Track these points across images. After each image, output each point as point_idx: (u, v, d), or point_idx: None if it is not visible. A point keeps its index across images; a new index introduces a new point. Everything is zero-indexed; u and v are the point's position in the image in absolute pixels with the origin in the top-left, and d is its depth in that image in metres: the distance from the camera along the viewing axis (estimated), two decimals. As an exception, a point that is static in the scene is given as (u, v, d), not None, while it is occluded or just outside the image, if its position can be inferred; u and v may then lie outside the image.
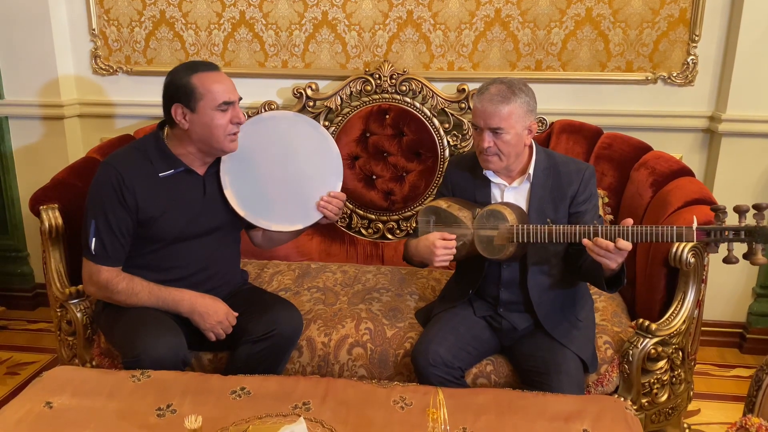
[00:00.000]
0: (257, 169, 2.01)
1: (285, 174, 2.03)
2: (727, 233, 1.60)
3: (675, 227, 1.64)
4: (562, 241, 1.75)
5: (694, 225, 1.62)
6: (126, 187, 1.85)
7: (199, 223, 1.96)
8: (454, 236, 1.83)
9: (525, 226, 1.77)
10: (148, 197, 1.88)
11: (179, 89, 1.84)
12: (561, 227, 1.74)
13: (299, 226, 2.04)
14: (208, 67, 1.89)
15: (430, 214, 1.93)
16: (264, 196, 2.01)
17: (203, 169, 1.97)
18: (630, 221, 1.68)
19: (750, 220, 1.61)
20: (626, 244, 1.64)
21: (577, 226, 1.72)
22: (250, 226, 2.07)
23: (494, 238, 1.81)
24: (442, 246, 1.81)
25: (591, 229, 1.69)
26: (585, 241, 1.69)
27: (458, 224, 1.87)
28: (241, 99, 1.92)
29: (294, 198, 2.03)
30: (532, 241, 1.77)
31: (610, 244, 1.65)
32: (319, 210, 2.02)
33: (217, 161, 1.98)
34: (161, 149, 1.92)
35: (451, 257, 1.83)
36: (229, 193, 1.98)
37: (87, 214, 1.89)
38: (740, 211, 1.60)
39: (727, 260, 1.60)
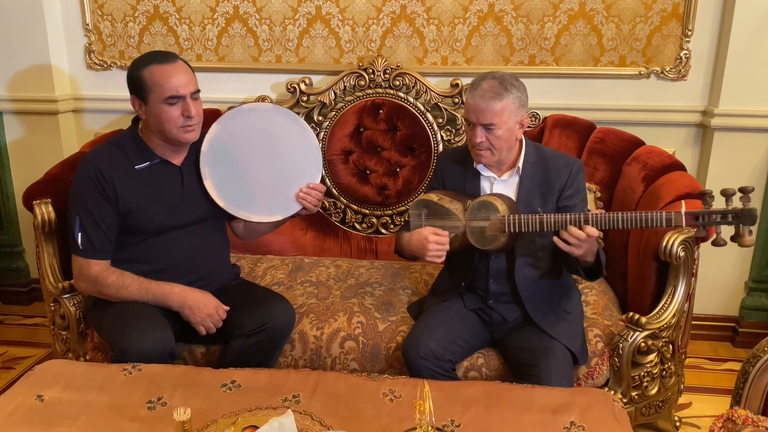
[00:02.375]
0: (237, 160, 2.02)
1: (264, 165, 2.04)
2: (714, 216, 1.63)
3: (664, 212, 1.67)
4: (552, 229, 1.76)
5: (683, 210, 1.65)
6: (105, 179, 1.88)
7: (180, 214, 1.97)
8: (446, 233, 1.84)
9: (516, 216, 1.79)
10: (126, 189, 1.90)
11: (133, 81, 1.89)
12: (551, 216, 1.76)
13: (279, 217, 2.05)
14: (163, 59, 1.88)
15: (422, 207, 1.94)
16: (243, 187, 2.02)
17: (179, 160, 1.98)
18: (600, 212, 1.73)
19: (737, 203, 1.64)
20: (593, 230, 1.69)
21: (568, 214, 1.75)
22: (231, 217, 2.08)
23: (486, 228, 1.83)
24: (434, 241, 1.82)
25: (582, 216, 1.71)
26: (555, 239, 1.73)
27: (450, 216, 1.88)
28: (198, 91, 1.91)
29: (273, 189, 2.04)
30: (523, 230, 1.79)
31: (582, 234, 1.69)
32: (298, 201, 2.03)
33: (195, 152, 1.99)
34: (136, 142, 1.95)
35: (444, 253, 1.84)
36: (208, 184, 1.99)
37: (71, 210, 1.92)
38: (727, 194, 1.62)
39: (716, 243, 1.63)
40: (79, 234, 1.88)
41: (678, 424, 2.20)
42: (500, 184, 1.93)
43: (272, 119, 2.07)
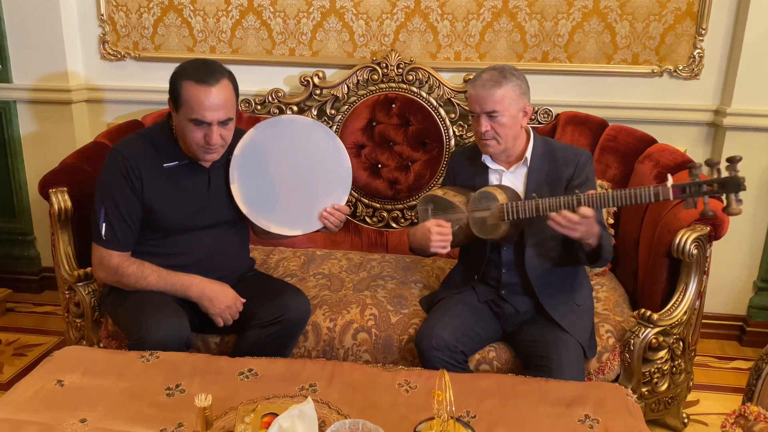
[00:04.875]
0: (267, 169, 2.01)
1: (293, 179, 2.02)
2: (701, 187, 1.63)
3: (652, 187, 1.67)
4: (549, 213, 1.77)
5: (669, 183, 1.66)
6: (133, 171, 1.88)
7: (204, 215, 1.97)
8: (449, 224, 1.89)
9: (514, 203, 1.83)
10: (152, 186, 1.90)
11: (171, 86, 1.85)
12: (546, 200, 1.78)
13: (298, 232, 2.04)
14: (203, 79, 1.80)
15: (428, 202, 2.02)
16: (269, 196, 2.01)
17: (209, 162, 1.97)
18: (592, 191, 1.73)
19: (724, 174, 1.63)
20: (587, 211, 1.69)
21: (562, 197, 1.75)
22: None
23: (487, 218, 1.87)
24: (437, 232, 1.87)
25: (575, 198, 1.72)
26: (549, 222, 1.74)
27: (454, 209, 1.95)
28: (230, 120, 1.86)
29: (298, 204, 2.02)
30: (521, 216, 1.82)
31: (574, 216, 1.70)
32: (320, 220, 2.02)
33: (226, 154, 1.97)
34: (168, 140, 1.94)
35: (448, 243, 1.89)
36: (234, 189, 1.98)
37: (97, 200, 1.92)
38: (712, 164, 1.62)
39: (704, 213, 1.63)
40: (104, 224, 1.88)
41: (686, 420, 2.21)
42: (509, 176, 1.97)
43: (309, 133, 2.05)
